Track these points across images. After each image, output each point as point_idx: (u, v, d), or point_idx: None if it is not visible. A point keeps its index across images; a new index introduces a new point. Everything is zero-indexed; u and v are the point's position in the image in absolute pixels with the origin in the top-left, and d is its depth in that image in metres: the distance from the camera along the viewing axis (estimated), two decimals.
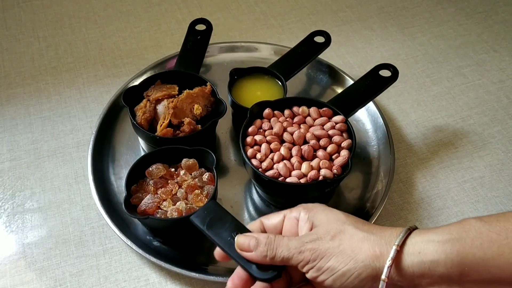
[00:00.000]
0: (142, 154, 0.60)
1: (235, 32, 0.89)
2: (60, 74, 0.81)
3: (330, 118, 0.62)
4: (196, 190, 0.57)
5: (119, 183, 0.65)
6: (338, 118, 0.62)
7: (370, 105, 0.71)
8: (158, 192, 0.58)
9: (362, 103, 0.66)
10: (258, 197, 0.65)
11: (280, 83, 0.69)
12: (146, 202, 0.56)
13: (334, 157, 0.58)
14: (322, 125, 0.61)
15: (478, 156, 0.71)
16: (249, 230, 0.48)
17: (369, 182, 0.66)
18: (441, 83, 0.81)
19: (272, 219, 0.49)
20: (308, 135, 0.60)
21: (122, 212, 0.62)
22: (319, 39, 0.74)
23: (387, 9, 0.94)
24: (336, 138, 0.59)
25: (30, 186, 0.66)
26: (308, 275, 0.44)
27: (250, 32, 0.89)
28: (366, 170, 0.67)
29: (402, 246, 0.41)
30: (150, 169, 0.59)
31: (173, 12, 0.92)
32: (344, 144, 0.59)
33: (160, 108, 0.64)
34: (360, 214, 0.62)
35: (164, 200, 0.57)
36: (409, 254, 0.41)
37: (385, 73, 0.68)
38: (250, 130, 0.61)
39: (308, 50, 0.73)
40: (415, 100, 0.78)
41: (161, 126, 0.62)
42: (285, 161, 0.58)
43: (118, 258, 0.59)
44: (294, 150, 0.58)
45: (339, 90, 0.74)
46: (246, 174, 0.66)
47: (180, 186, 0.58)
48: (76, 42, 0.86)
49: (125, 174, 0.65)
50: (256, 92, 0.69)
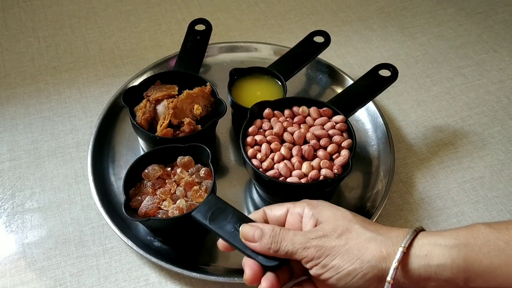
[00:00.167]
0: (137, 157, 0.60)
1: (235, 32, 0.89)
2: (60, 74, 0.81)
3: (330, 118, 0.62)
4: (194, 186, 0.57)
5: (119, 184, 0.65)
6: (338, 118, 0.62)
7: (370, 105, 0.71)
8: (157, 192, 0.57)
9: (362, 103, 0.66)
10: (258, 197, 0.65)
11: (279, 83, 0.69)
12: (146, 204, 0.56)
13: (334, 157, 0.58)
14: (322, 125, 0.61)
15: (478, 156, 0.71)
16: (252, 221, 0.48)
17: (369, 181, 0.66)
18: (441, 83, 0.81)
19: (275, 211, 0.49)
20: (308, 135, 0.60)
21: (122, 212, 0.62)
22: (319, 39, 0.74)
23: (387, 9, 0.94)
24: (336, 138, 0.59)
25: (30, 186, 0.66)
26: (311, 272, 0.44)
27: (250, 32, 0.89)
28: (366, 169, 0.67)
29: (408, 248, 0.41)
30: (146, 171, 0.59)
31: (173, 12, 0.92)
32: (344, 143, 0.59)
33: (160, 108, 0.64)
34: (360, 214, 0.61)
35: (163, 200, 0.57)
36: (415, 256, 0.41)
37: (384, 73, 0.68)
38: (251, 130, 0.61)
39: (307, 50, 0.73)
40: (415, 100, 0.78)
41: (161, 126, 0.62)
42: (285, 161, 0.58)
43: (118, 258, 0.59)
44: (295, 150, 0.58)
45: (339, 90, 0.74)
46: (246, 174, 0.66)
47: (178, 184, 0.58)
48: (76, 42, 0.86)
49: (124, 173, 0.65)
50: (256, 92, 0.69)
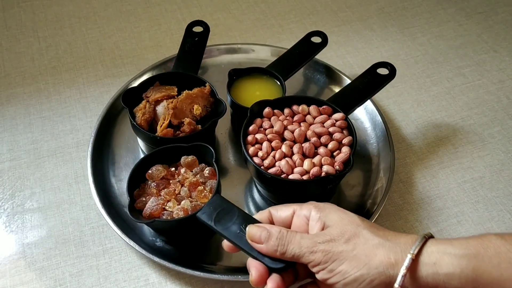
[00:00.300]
0: (140, 157, 0.60)
1: (235, 32, 0.89)
2: (60, 74, 0.81)
3: (330, 115, 0.62)
4: (199, 187, 0.57)
5: (119, 184, 0.65)
6: (338, 115, 0.62)
7: (368, 103, 0.72)
8: (161, 193, 0.57)
9: (360, 101, 0.67)
10: (259, 196, 0.65)
11: (278, 83, 0.69)
12: (151, 205, 0.55)
13: (335, 154, 0.59)
14: (322, 122, 0.61)
15: (478, 156, 0.71)
16: (258, 222, 0.48)
17: (369, 179, 0.66)
18: (441, 83, 0.81)
19: (281, 212, 0.48)
20: (308, 133, 0.60)
21: (123, 212, 0.62)
22: (316, 40, 0.74)
23: (387, 9, 0.94)
24: (336, 135, 0.59)
25: (30, 186, 0.66)
26: (318, 276, 0.43)
27: (250, 32, 0.89)
28: (366, 167, 0.68)
29: (417, 255, 0.40)
30: (150, 171, 0.58)
31: (173, 12, 0.92)
32: (345, 141, 0.59)
33: (159, 109, 0.64)
34: (361, 212, 0.62)
35: (168, 200, 0.56)
36: (424, 264, 0.40)
37: (383, 71, 0.69)
38: (251, 128, 0.61)
39: (305, 51, 0.73)
40: (415, 100, 0.78)
41: (161, 126, 0.62)
42: (287, 158, 0.58)
43: (118, 258, 0.59)
44: (296, 148, 0.59)
45: (336, 90, 0.75)
46: (246, 174, 0.66)
47: (182, 185, 0.58)
48: (76, 42, 0.86)
49: (125, 174, 0.65)
50: (255, 92, 0.69)
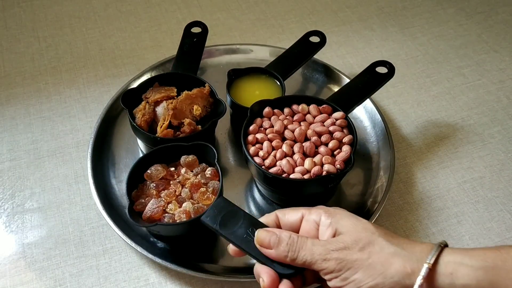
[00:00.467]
0: (138, 157, 0.58)
1: (235, 32, 0.89)
2: (60, 74, 0.81)
3: (330, 114, 0.62)
4: (201, 188, 0.55)
5: (120, 185, 0.65)
6: (338, 114, 0.62)
7: (367, 102, 0.72)
8: (161, 194, 0.55)
9: (360, 100, 0.67)
10: (260, 196, 0.65)
11: (278, 83, 0.69)
12: (151, 207, 0.53)
13: (336, 152, 0.59)
14: (323, 121, 0.61)
15: (478, 156, 0.71)
16: (265, 225, 0.47)
17: (370, 178, 0.66)
18: (441, 83, 0.81)
19: (288, 216, 0.47)
20: (309, 132, 0.60)
21: (123, 212, 0.62)
22: (315, 39, 0.74)
23: (387, 9, 0.94)
24: (337, 134, 0.59)
25: (30, 186, 0.66)
26: (330, 283, 0.42)
27: (250, 32, 0.89)
28: (367, 166, 0.68)
29: (434, 264, 0.40)
30: (149, 171, 0.56)
31: (173, 12, 0.92)
32: (345, 139, 0.59)
33: (159, 109, 0.64)
34: (362, 211, 0.62)
35: (169, 202, 0.54)
36: (440, 274, 0.40)
37: (382, 70, 0.69)
38: (251, 128, 0.61)
39: (303, 50, 0.73)
40: (415, 100, 0.78)
41: (161, 127, 0.62)
42: (287, 158, 0.58)
43: (118, 258, 0.59)
44: (296, 147, 0.59)
45: (335, 89, 0.75)
46: (247, 174, 0.66)
47: (183, 186, 0.56)
48: (76, 42, 0.86)
49: (125, 175, 0.64)
50: (254, 92, 0.69)
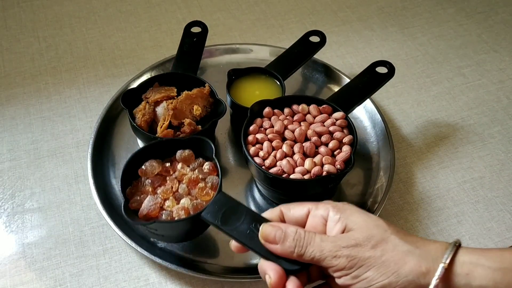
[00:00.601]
0: (132, 153, 0.56)
1: (235, 32, 0.89)
2: (60, 74, 0.81)
3: (330, 115, 0.62)
4: (199, 184, 0.53)
5: (119, 185, 0.65)
6: (338, 114, 0.62)
7: (367, 102, 0.72)
8: (158, 191, 0.53)
9: (360, 100, 0.67)
10: (260, 196, 0.65)
11: (278, 83, 0.69)
12: (147, 204, 0.52)
13: (336, 153, 0.59)
14: (323, 122, 0.61)
15: (478, 156, 0.71)
16: (268, 221, 0.45)
17: (370, 178, 0.66)
18: (441, 83, 0.81)
19: (294, 211, 0.45)
20: (309, 132, 0.60)
21: (123, 214, 0.62)
22: (315, 39, 0.74)
23: (387, 9, 0.94)
24: (337, 134, 0.60)
25: (30, 186, 0.66)
26: (339, 281, 0.41)
27: (250, 32, 0.89)
28: (367, 166, 0.68)
29: (449, 264, 0.39)
30: (143, 167, 0.54)
31: (173, 12, 0.92)
32: (345, 139, 0.59)
33: (159, 110, 0.64)
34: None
35: (166, 199, 0.53)
36: (456, 274, 0.39)
37: (382, 69, 0.69)
38: (251, 128, 0.61)
39: (303, 50, 0.73)
40: (415, 100, 0.78)
41: (161, 127, 0.62)
42: (288, 158, 0.58)
43: (118, 258, 0.59)
44: (296, 147, 0.59)
45: (335, 89, 0.75)
46: (247, 174, 0.66)
47: (180, 182, 0.54)
48: (76, 42, 0.86)
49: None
50: (254, 92, 0.69)
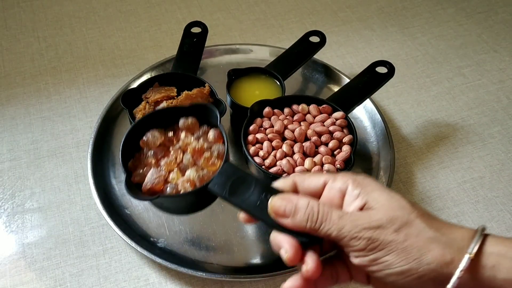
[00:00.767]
0: (132, 124, 0.53)
1: (235, 32, 0.89)
2: (60, 74, 0.81)
3: (330, 114, 0.62)
4: (205, 153, 0.50)
5: (119, 184, 0.65)
6: (338, 114, 0.62)
7: (367, 102, 0.72)
8: (161, 163, 0.50)
9: (360, 100, 0.67)
10: None
11: (277, 83, 0.70)
12: (151, 178, 0.49)
13: (336, 152, 0.59)
14: (323, 121, 0.61)
15: (478, 156, 0.71)
16: (279, 190, 0.42)
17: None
18: (441, 83, 0.81)
19: (308, 181, 0.42)
20: (309, 132, 0.60)
21: (123, 212, 0.62)
22: (315, 39, 0.74)
23: (387, 9, 0.94)
24: (337, 134, 0.60)
25: (30, 186, 0.66)
26: (354, 260, 0.39)
27: (250, 32, 0.89)
28: (367, 166, 0.68)
29: (475, 255, 0.37)
30: (145, 138, 0.51)
31: (173, 12, 0.92)
32: (345, 139, 0.59)
33: None
34: None
35: (170, 171, 0.50)
36: (481, 266, 0.37)
37: (382, 69, 0.69)
38: (251, 128, 0.61)
39: (303, 50, 0.73)
40: (415, 100, 0.78)
41: None
42: (287, 157, 0.58)
43: (118, 258, 0.59)
44: (296, 147, 0.59)
45: (335, 89, 0.75)
46: None
47: (184, 152, 0.51)
48: (76, 42, 0.86)
49: (124, 176, 0.65)
50: (254, 92, 0.69)
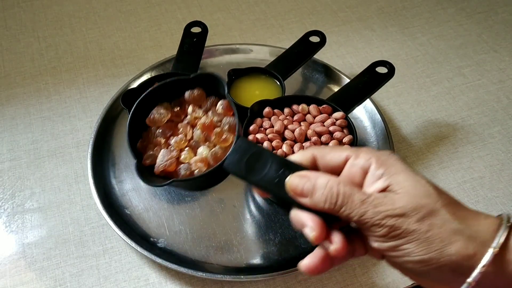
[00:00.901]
0: (136, 102, 0.50)
1: (235, 32, 0.89)
2: (60, 74, 0.81)
3: (330, 115, 0.62)
4: (216, 129, 0.48)
5: (119, 184, 0.65)
6: (338, 114, 0.62)
7: (367, 102, 0.72)
8: (171, 142, 0.47)
9: (360, 100, 0.67)
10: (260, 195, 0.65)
11: (277, 83, 0.70)
12: (162, 159, 0.46)
13: None
14: (323, 122, 0.61)
15: (478, 156, 0.71)
16: (297, 165, 0.41)
17: None
18: (441, 83, 0.81)
19: (329, 157, 0.41)
20: (309, 132, 0.60)
21: (123, 212, 0.62)
22: (315, 39, 0.74)
23: (387, 9, 0.94)
24: (337, 134, 0.60)
25: (30, 186, 0.66)
26: (374, 244, 0.38)
27: (250, 32, 0.89)
28: None
29: (500, 249, 0.36)
30: (151, 116, 0.49)
31: (173, 12, 0.92)
32: (345, 139, 0.59)
33: None
34: None
35: (181, 150, 0.47)
36: (505, 261, 0.35)
37: (382, 69, 0.69)
38: (251, 128, 0.61)
39: (303, 50, 0.73)
40: (415, 100, 0.78)
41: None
42: None
43: (118, 258, 0.59)
44: (296, 147, 0.59)
45: (335, 89, 0.75)
46: None
47: (193, 127, 0.48)
48: (76, 42, 0.86)
49: (125, 175, 0.64)
50: (254, 92, 0.69)
